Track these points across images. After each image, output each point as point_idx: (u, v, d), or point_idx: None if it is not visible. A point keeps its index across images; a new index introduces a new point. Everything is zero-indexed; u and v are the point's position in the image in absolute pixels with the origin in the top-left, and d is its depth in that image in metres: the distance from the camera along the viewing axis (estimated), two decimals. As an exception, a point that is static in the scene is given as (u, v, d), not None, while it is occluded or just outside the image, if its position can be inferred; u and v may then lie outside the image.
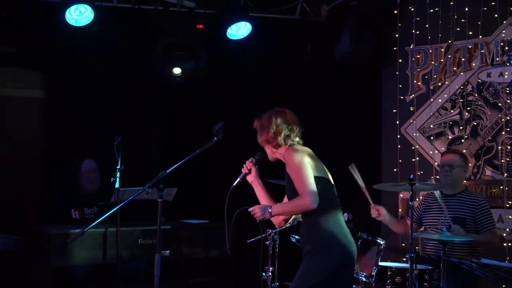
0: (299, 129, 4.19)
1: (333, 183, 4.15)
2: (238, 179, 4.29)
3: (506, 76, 5.97)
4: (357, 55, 6.40)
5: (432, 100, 6.39)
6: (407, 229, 5.52)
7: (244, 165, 4.31)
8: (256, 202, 4.34)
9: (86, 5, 5.80)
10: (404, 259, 5.81)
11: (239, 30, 6.36)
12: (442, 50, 6.34)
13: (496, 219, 5.61)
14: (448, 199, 5.31)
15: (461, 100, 6.22)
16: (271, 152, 4.20)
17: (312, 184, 3.92)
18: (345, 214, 4.88)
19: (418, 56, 6.50)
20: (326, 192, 4.01)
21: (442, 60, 6.35)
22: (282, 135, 4.10)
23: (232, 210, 4.25)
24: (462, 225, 5.11)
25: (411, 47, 6.52)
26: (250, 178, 4.31)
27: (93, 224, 4.32)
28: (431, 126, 6.38)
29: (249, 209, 4.15)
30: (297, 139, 4.16)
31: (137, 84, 6.56)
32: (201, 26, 6.41)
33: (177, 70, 6.35)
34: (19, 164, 6.55)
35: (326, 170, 4.14)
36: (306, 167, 3.95)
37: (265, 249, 5.19)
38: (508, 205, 5.84)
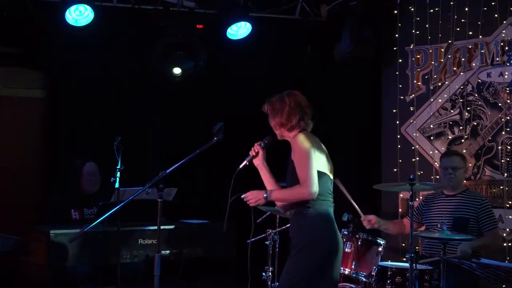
0: (310, 111, 4.16)
1: (331, 178, 4.14)
2: (245, 161, 4.24)
3: (506, 76, 5.97)
4: (357, 55, 6.40)
5: (432, 100, 6.39)
6: (402, 229, 5.54)
7: (252, 148, 4.26)
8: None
9: (86, 5, 5.80)
10: (404, 259, 5.81)
11: (239, 30, 6.35)
12: (442, 50, 6.34)
13: (497, 219, 5.61)
14: (449, 199, 5.32)
15: (461, 100, 6.22)
16: (281, 135, 4.18)
17: (314, 174, 3.92)
18: (345, 214, 4.89)
19: (418, 56, 6.50)
20: (323, 188, 4.01)
21: (442, 60, 6.35)
22: (297, 117, 4.08)
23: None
24: (464, 225, 5.11)
25: (411, 47, 6.52)
26: (257, 162, 4.26)
27: (93, 224, 4.32)
28: (431, 126, 6.38)
29: (242, 196, 4.12)
30: (309, 121, 4.15)
31: (137, 84, 6.56)
32: (201, 26, 6.41)
33: (177, 70, 6.35)
34: (19, 164, 6.55)
35: (329, 164, 4.11)
36: (311, 157, 3.94)
37: (265, 249, 5.20)
38: (508, 205, 5.85)
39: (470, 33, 6.15)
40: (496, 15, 6.00)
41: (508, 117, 5.95)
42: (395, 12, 6.56)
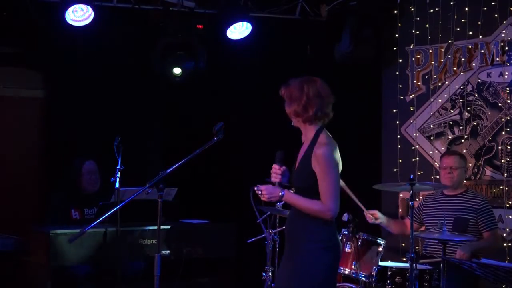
0: (331, 100, 3.89)
1: None
2: None
3: (506, 76, 5.97)
4: (357, 55, 6.39)
5: (432, 100, 6.39)
6: (404, 229, 5.53)
7: (274, 174, 3.89)
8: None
9: (86, 5, 5.80)
10: (404, 259, 5.81)
11: (239, 30, 6.35)
12: (442, 50, 6.34)
13: (496, 219, 5.61)
14: (449, 199, 5.32)
15: (461, 100, 6.22)
16: (296, 123, 3.92)
17: (338, 195, 3.73)
18: (345, 214, 4.88)
19: (418, 56, 6.50)
20: None
21: (442, 60, 6.35)
22: (315, 109, 3.80)
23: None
24: (464, 226, 5.12)
25: (411, 47, 6.52)
26: (285, 180, 3.95)
27: (93, 224, 4.32)
28: (431, 126, 6.38)
29: (255, 188, 3.87)
30: (328, 110, 3.87)
31: (137, 84, 6.56)
32: (201, 26, 6.41)
33: (177, 70, 6.35)
34: (19, 164, 6.55)
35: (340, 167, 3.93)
36: (338, 174, 3.77)
37: (265, 249, 5.19)
38: (508, 205, 5.85)
39: (470, 33, 6.15)
40: (496, 15, 6.00)
41: (508, 117, 5.94)
42: (395, 12, 6.56)
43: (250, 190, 3.94)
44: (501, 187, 5.91)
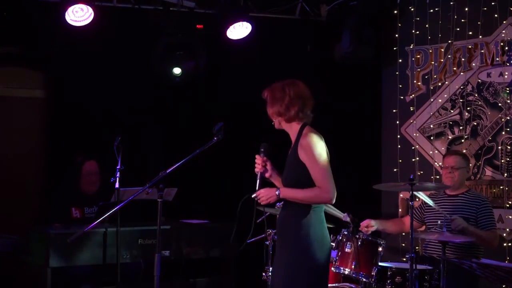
0: (311, 102, 4.02)
1: None
2: (258, 182, 3.98)
3: (506, 76, 5.97)
4: (357, 55, 6.40)
5: (432, 100, 6.40)
6: (402, 227, 5.54)
7: (256, 164, 4.02)
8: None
9: (86, 5, 5.79)
10: (404, 259, 5.81)
11: (239, 30, 6.35)
12: (442, 50, 6.35)
13: (496, 219, 5.61)
14: (451, 199, 5.32)
15: (461, 100, 6.22)
16: (278, 124, 4.03)
17: (332, 179, 3.82)
18: (345, 214, 4.89)
19: (418, 56, 6.50)
20: None
21: (442, 60, 6.35)
22: (296, 108, 3.93)
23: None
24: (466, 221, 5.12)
25: (411, 47, 6.53)
26: (268, 174, 4.07)
27: (93, 224, 4.33)
28: (431, 126, 6.38)
29: (252, 195, 3.95)
30: (309, 112, 4.01)
31: (137, 84, 6.56)
32: (201, 26, 6.41)
33: (177, 70, 6.35)
34: (20, 163, 6.55)
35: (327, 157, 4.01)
36: (327, 160, 3.85)
37: (265, 249, 5.19)
38: (508, 205, 5.85)
39: (470, 33, 6.16)
40: (496, 15, 6.00)
41: (508, 117, 5.95)
42: (395, 12, 6.56)
43: (239, 204, 4.05)
44: (501, 187, 5.92)
